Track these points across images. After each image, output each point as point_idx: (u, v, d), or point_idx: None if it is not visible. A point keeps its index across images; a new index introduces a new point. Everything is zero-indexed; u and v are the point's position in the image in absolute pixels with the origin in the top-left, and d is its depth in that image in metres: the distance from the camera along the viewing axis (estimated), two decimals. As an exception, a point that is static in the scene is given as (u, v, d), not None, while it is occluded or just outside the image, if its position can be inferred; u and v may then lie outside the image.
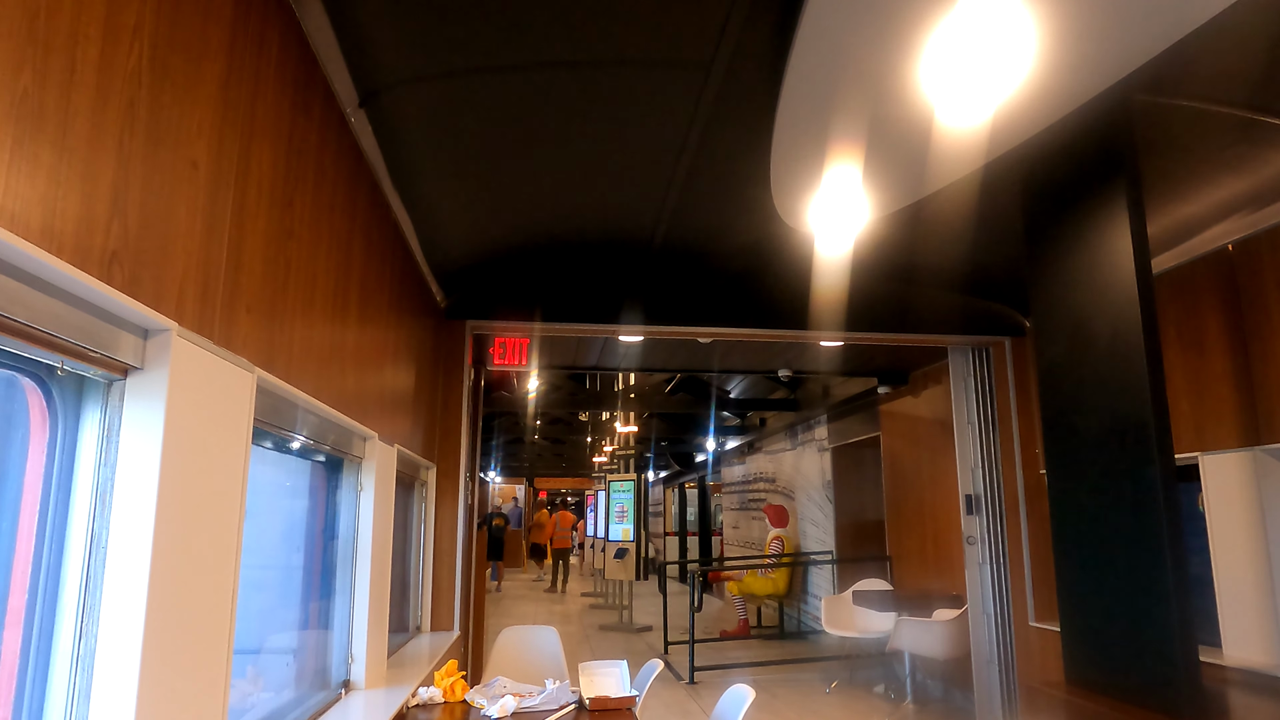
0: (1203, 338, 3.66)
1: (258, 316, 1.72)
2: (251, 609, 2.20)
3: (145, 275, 1.26)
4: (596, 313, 4.61)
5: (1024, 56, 2.31)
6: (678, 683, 7.16)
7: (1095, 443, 3.02)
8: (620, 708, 2.88)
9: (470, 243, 3.94)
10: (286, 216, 1.89)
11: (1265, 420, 3.36)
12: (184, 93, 1.37)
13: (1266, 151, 2.98)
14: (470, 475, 4.94)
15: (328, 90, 2.22)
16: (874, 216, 3.63)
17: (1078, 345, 3.13)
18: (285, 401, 2.05)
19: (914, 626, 5.85)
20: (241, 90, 1.61)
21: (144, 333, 1.32)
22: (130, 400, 1.30)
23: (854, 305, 4.75)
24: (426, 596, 4.23)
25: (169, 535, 1.31)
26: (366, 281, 2.71)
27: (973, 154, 2.95)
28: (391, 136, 2.71)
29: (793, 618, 9.89)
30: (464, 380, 4.51)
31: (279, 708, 2.28)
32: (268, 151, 1.76)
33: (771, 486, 11.18)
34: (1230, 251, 3.55)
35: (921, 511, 6.83)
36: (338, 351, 2.38)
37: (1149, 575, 2.74)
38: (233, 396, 1.56)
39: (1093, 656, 3.00)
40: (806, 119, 2.71)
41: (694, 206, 3.60)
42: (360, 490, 2.91)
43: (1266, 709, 2.78)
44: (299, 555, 2.59)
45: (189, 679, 1.39)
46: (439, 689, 2.98)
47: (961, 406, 5.14)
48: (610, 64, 2.48)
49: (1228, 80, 2.60)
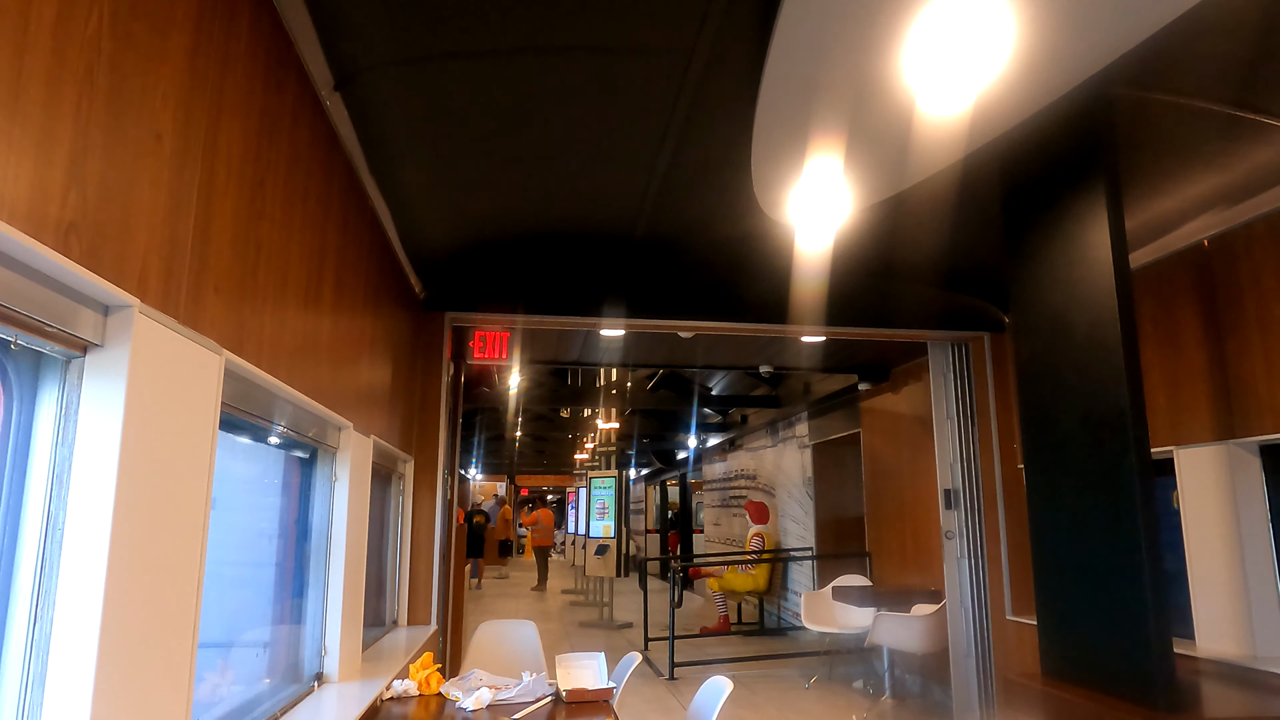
0: (1179, 333, 3.70)
1: (226, 298, 1.68)
2: (221, 599, 2.16)
3: (105, 248, 1.22)
4: (577, 305, 4.58)
5: (1003, 45, 2.31)
6: (658, 679, 7.15)
7: (1072, 437, 3.03)
8: (597, 699, 2.86)
9: (450, 233, 3.89)
10: (258, 197, 1.85)
11: (1239, 414, 3.39)
12: (147, 62, 1.33)
13: (1242, 147, 3.00)
14: (450, 470, 4.90)
15: (301, 71, 2.18)
16: (855, 209, 3.63)
17: (1056, 340, 3.14)
18: (256, 387, 2.01)
19: (893, 622, 5.87)
20: (210, 65, 1.57)
21: (104, 309, 1.28)
22: (90, 378, 1.26)
23: (835, 300, 4.75)
24: (403, 590, 4.18)
25: (130, 518, 1.27)
26: (342, 268, 2.67)
27: (953, 145, 2.95)
28: (368, 121, 2.67)
29: (773, 614, 9.91)
30: (443, 372, 4.47)
31: (248, 701, 2.24)
32: (238, 130, 1.72)
33: (752, 483, 11.20)
34: (1206, 247, 3.59)
35: (901, 508, 6.86)
36: (312, 338, 2.34)
37: (1124, 568, 2.75)
38: (199, 378, 1.52)
39: (1068, 649, 3.01)
40: (787, 108, 2.69)
41: (675, 198, 3.58)
42: (335, 481, 2.86)
43: (1238, 698, 2.80)
44: (271, 545, 2.55)
45: (150, 668, 1.35)
46: (414, 682, 2.95)
47: (941, 402, 5.16)
48: (591, 50, 2.45)
49: (1205, 76, 2.61)
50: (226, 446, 2.14)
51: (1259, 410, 3.29)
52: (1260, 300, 3.30)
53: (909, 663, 6.64)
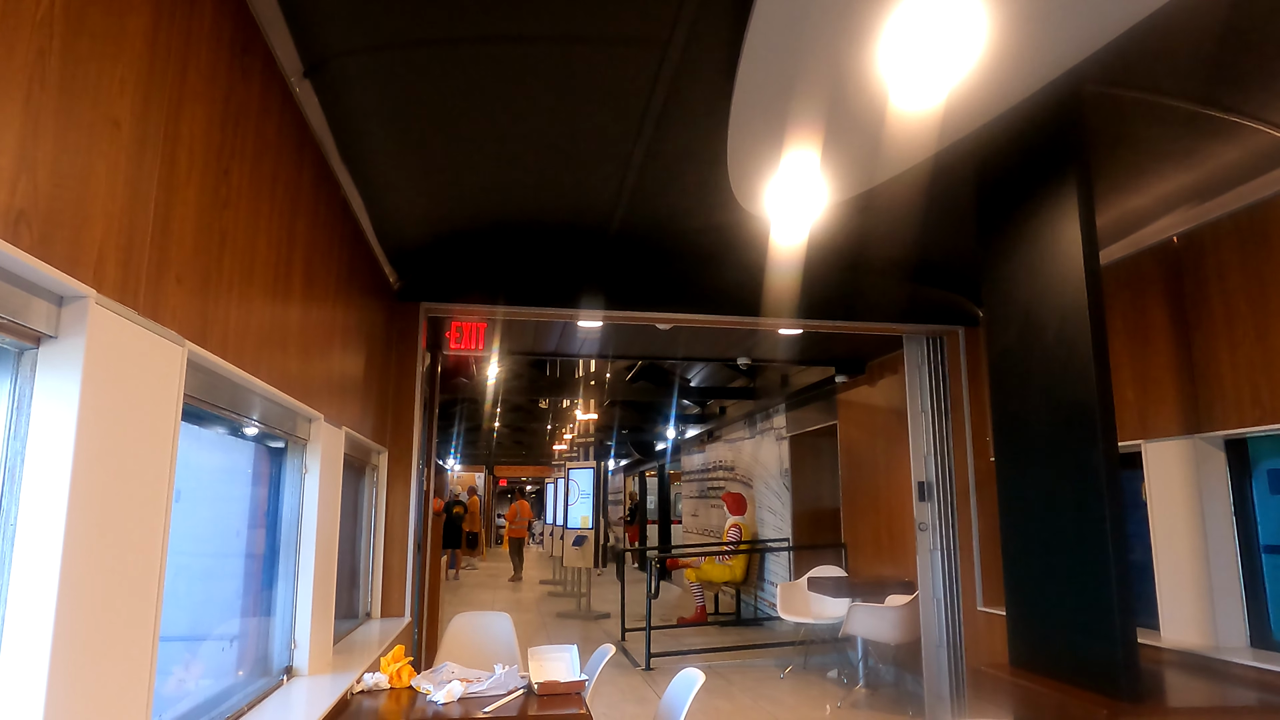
0: (1148, 328, 3.74)
1: (189, 288, 1.65)
2: (188, 593, 2.13)
3: (58, 237, 1.19)
4: (554, 296, 4.56)
5: (977, 41, 2.32)
6: (634, 669, 7.18)
7: (1042, 430, 3.07)
8: (569, 692, 2.86)
9: (424, 222, 3.86)
10: (222, 186, 1.82)
11: (1204, 409, 3.45)
12: (103, 46, 1.29)
13: (1212, 145, 3.04)
14: (426, 461, 4.87)
15: (269, 57, 2.14)
16: (831, 203, 3.64)
17: (1027, 335, 3.17)
18: (221, 379, 1.98)
19: (867, 612, 5.92)
20: (171, 49, 1.54)
21: (58, 299, 1.25)
22: (43, 370, 1.23)
23: (811, 293, 4.77)
24: (377, 582, 4.16)
25: (86, 512, 1.24)
26: (312, 258, 2.63)
27: (927, 139, 2.96)
28: (339, 110, 2.63)
29: (749, 604, 9.97)
30: (418, 363, 4.43)
31: (214, 695, 2.21)
32: (201, 117, 1.69)
33: (730, 475, 11.24)
34: (1175, 244, 3.63)
35: (876, 500, 6.92)
36: (280, 329, 2.31)
37: (1091, 560, 2.79)
38: (159, 370, 1.50)
39: (1036, 639, 3.05)
40: (763, 101, 2.69)
41: (652, 189, 3.57)
42: (305, 473, 2.83)
43: (1199, 687, 2.86)
44: (240, 538, 2.52)
45: (107, 664, 1.33)
46: (385, 675, 2.93)
47: (916, 395, 5.20)
48: (565, 39, 2.43)
49: (1175, 73, 2.64)
50: (192, 438, 2.11)
51: (1224, 405, 3.35)
52: (1226, 297, 3.35)
53: (882, 653, 6.71)
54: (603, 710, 5.67)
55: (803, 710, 5.77)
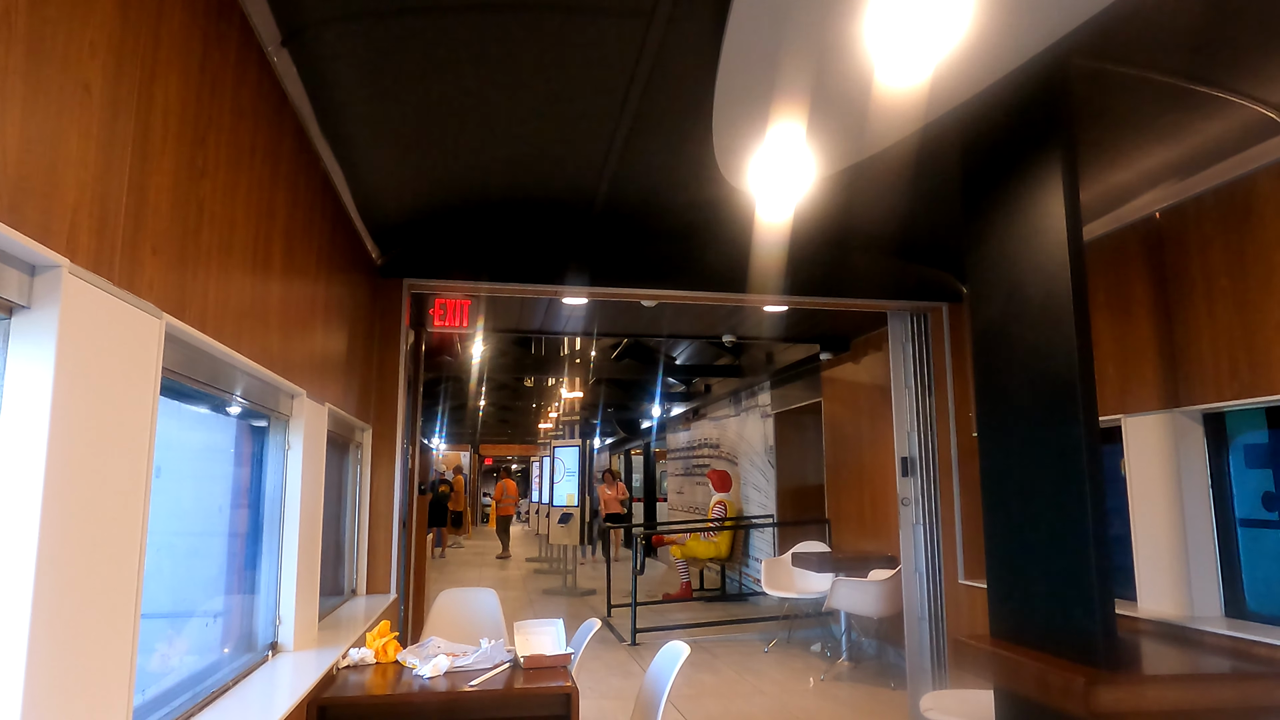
0: (1130, 303, 3.77)
1: (166, 259, 1.62)
2: (170, 570, 2.12)
3: (28, 205, 1.16)
4: (538, 273, 4.53)
5: (964, 11, 2.30)
6: (620, 644, 7.24)
7: (1024, 405, 3.09)
8: (555, 665, 2.87)
9: (407, 197, 3.81)
10: (199, 155, 1.78)
11: (1184, 384, 3.48)
12: (72, 8, 1.26)
13: (1195, 120, 3.04)
14: (410, 439, 4.85)
15: (245, 23, 2.09)
16: (817, 179, 3.63)
17: (1010, 310, 3.18)
18: (201, 353, 1.96)
19: (850, 586, 5.99)
20: (143, 13, 1.50)
21: (30, 269, 1.22)
22: (16, 341, 1.21)
23: (795, 269, 4.76)
24: (362, 559, 4.15)
25: (62, 486, 1.23)
26: (292, 231, 2.60)
27: (913, 114, 2.95)
28: (318, 81, 2.58)
29: (734, 580, 10.06)
30: (402, 340, 4.40)
31: (199, 671, 2.21)
32: (175, 83, 1.65)
33: (715, 452, 11.29)
34: (1158, 219, 3.65)
35: (860, 476, 6.97)
36: (260, 303, 2.28)
37: (1071, 532, 2.82)
38: (136, 343, 1.47)
39: (1017, 610, 3.10)
40: (748, 74, 2.66)
41: (637, 164, 3.54)
42: (288, 449, 2.81)
43: (1174, 656, 2.91)
44: (222, 515, 2.50)
45: (88, 641, 1.31)
46: (370, 650, 2.94)
47: (899, 371, 5.23)
48: (547, 8, 2.39)
49: (1161, 47, 2.64)
50: (173, 413, 2.09)
51: (1202, 380, 3.38)
52: (1207, 272, 3.38)
53: (865, 626, 6.80)
54: (589, 683, 5.72)
55: (787, 683, 5.85)
